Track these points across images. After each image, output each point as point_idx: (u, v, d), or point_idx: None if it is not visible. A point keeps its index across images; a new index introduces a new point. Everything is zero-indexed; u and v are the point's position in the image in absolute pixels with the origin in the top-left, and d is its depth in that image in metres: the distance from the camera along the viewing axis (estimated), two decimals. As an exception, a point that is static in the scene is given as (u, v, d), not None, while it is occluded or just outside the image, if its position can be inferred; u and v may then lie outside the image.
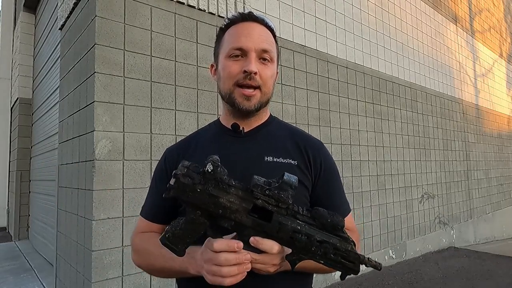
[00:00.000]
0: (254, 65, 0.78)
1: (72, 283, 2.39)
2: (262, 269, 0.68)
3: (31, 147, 5.46)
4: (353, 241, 0.67)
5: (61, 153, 2.84)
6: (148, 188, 0.93)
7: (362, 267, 0.69)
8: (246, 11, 0.87)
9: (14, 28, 6.38)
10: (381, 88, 4.46)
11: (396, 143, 4.59)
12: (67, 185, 2.61)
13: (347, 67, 3.99)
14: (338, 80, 3.86)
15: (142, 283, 2.21)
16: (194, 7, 2.62)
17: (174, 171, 0.64)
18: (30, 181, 5.47)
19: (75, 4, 2.52)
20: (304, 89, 3.46)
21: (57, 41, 3.71)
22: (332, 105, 3.75)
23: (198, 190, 0.63)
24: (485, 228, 6.48)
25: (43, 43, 4.73)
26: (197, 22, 2.64)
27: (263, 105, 0.83)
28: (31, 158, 5.47)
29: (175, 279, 0.88)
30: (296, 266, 0.72)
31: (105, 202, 2.10)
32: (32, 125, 5.47)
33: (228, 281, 0.64)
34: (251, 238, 0.64)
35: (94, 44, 2.15)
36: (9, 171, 6.26)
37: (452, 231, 5.49)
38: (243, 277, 0.65)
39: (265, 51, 0.81)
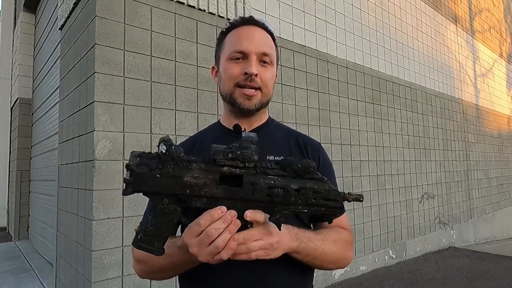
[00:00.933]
0: (254, 68, 0.81)
1: (72, 283, 2.39)
2: (263, 246, 0.64)
3: (31, 147, 5.46)
4: (327, 180, 0.66)
5: (61, 153, 2.84)
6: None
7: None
8: (247, 12, 0.89)
9: (14, 28, 6.38)
10: (381, 88, 4.46)
11: (396, 143, 4.59)
12: (67, 185, 2.61)
13: (347, 67, 3.99)
14: (338, 80, 3.86)
15: (142, 283, 2.21)
16: (194, 7, 2.62)
17: (126, 164, 0.59)
18: (30, 181, 5.47)
19: (75, 4, 2.52)
20: (304, 89, 3.46)
21: (57, 41, 3.71)
22: (332, 105, 3.75)
23: (158, 176, 0.58)
24: (485, 228, 6.48)
25: (43, 43, 4.73)
26: (197, 22, 2.64)
27: (263, 105, 0.86)
28: (31, 158, 5.47)
29: (175, 279, 0.88)
30: (298, 252, 0.71)
31: (105, 202, 2.10)
32: (32, 125, 5.47)
33: (225, 254, 0.60)
34: (247, 213, 0.61)
35: (94, 44, 2.15)
36: (9, 171, 6.26)
37: (452, 231, 5.50)
38: (235, 245, 0.60)
39: (265, 54, 0.83)
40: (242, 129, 0.86)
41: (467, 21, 6.81)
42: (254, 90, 0.82)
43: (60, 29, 2.92)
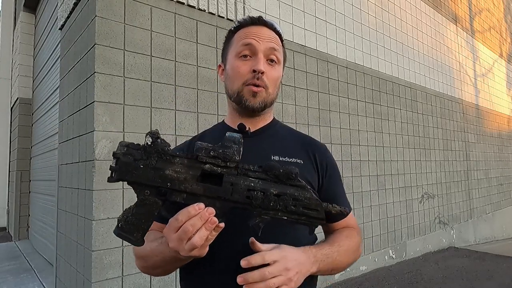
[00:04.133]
0: (262, 65, 0.81)
1: (72, 283, 2.39)
2: (283, 282, 0.64)
3: (31, 147, 5.46)
4: (311, 190, 0.64)
5: (61, 153, 2.84)
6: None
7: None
8: (247, 12, 0.89)
9: (14, 28, 6.38)
10: (381, 88, 4.46)
11: (396, 143, 4.59)
12: (67, 185, 2.61)
13: (347, 67, 3.99)
14: (338, 80, 3.86)
15: (142, 283, 2.21)
16: (194, 7, 2.62)
17: (113, 152, 0.61)
18: (30, 181, 5.47)
19: (75, 4, 2.52)
20: (304, 89, 3.46)
21: (57, 41, 3.71)
22: (332, 105, 3.75)
23: (141, 166, 0.59)
24: (485, 228, 6.48)
25: (43, 43, 4.73)
26: (197, 22, 2.64)
27: (267, 105, 0.86)
28: (31, 158, 5.47)
29: (175, 280, 0.88)
30: (318, 272, 0.73)
31: (105, 202, 2.10)
32: (32, 125, 5.47)
33: (204, 251, 0.62)
34: (242, 262, 0.62)
35: (94, 44, 2.15)
36: (9, 171, 6.26)
37: (452, 231, 5.50)
38: (213, 238, 0.62)
39: (273, 49, 0.84)
40: (247, 129, 0.86)
41: (467, 21, 6.81)
42: (260, 86, 0.83)
43: (60, 29, 2.92)
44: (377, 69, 4.42)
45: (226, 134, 0.63)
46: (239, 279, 0.62)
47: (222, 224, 0.61)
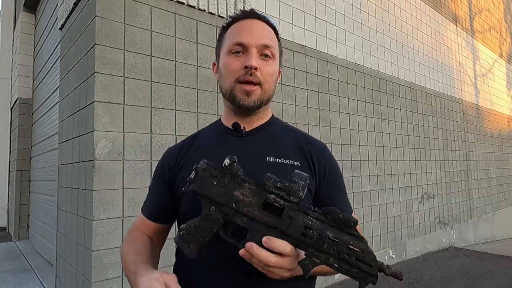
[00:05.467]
0: (254, 61, 0.78)
1: (72, 283, 2.39)
2: (277, 273, 0.64)
3: (31, 147, 5.46)
4: (367, 242, 0.62)
5: (61, 153, 2.84)
6: (148, 188, 0.94)
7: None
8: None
9: (14, 28, 6.38)
10: (381, 88, 4.46)
11: (396, 143, 4.59)
12: (67, 185, 2.61)
13: (347, 67, 3.99)
14: (338, 80, 3.86)
15: (142, 283, 2.20)
16: (194, 7, 2.62)
17: (195, 165, 0.67)
18: (30, 181, 5.47)
19: (75, 4, 2.52)
20: (304, 89, 3.46)
21: (57, 41, 3.71)
22: (332, 105, 3.75)
23: (215, 183, 0.66)
24: (485, 228, 6.48)
25: (43, 43, 4.73)
26: (197, 22, 2.64)
27: (263, 102, 0.82)
28: (31, 158, 5.47)
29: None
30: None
31: (105, 202, 2.10)
32: (32, 125, 5.47)
33: None
34: (264, 238, 0.61)
35: (94, 44, 2.15)
36: (9, 171, 6.26)
37: (452, 231, 5.49)
38: None
39: (266, 46, 0.80)
40: (241, 128, 0.83)
41: (467, 21, 6.81)
42: (253, 85, 0.79)
43: (60, 29, 2.92)
44: (377, 69, 4.41)
45: (295, 171, 0.66)
46: (247, 245, 0.62)
47: None
